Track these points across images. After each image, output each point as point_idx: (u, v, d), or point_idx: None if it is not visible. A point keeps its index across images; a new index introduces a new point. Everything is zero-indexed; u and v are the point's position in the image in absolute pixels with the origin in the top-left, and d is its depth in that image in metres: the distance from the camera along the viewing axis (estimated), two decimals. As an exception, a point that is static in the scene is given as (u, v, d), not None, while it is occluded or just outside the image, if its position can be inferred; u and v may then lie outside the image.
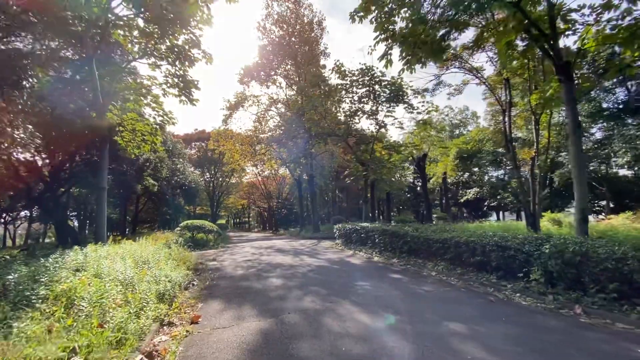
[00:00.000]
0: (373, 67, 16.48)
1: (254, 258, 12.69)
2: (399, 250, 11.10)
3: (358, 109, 17.57)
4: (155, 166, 17.51)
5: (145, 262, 7.97)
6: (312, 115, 18.54)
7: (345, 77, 17.95)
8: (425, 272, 8.77)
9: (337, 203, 53.03)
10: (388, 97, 16.46)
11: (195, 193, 31.05)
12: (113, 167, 15.81)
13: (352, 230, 15.07)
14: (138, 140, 12.22)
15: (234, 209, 71.27)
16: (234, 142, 31.91)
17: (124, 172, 16.04)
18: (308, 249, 15.79)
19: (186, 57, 11.42)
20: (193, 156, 51.66)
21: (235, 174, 52.44)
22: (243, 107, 29.52)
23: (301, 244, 19.28)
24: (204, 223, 19.10)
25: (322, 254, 13.46)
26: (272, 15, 25.74)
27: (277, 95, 29.77)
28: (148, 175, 18.11)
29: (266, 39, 27.02)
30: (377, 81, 16.78)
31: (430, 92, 15.43)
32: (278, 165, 36.51)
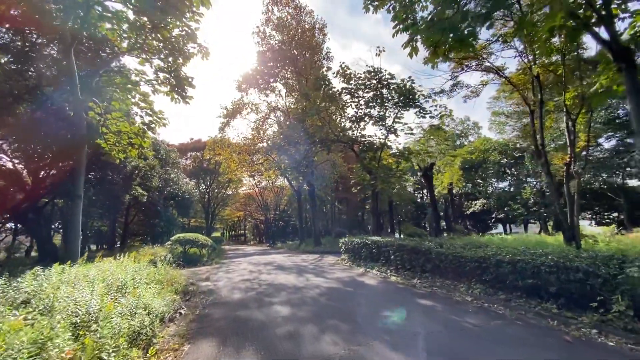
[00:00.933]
0: (381, 69, 15.45)
1: (252, 277, 11.19)
2: (420, 269, 9.72)
3: (365, 114, 16.43)
4: (144, 174, 16.08)
5: (122, 287, 6.50)
6: (314, 120, 17.37)
7: (350, 80, 16.91)
8: (459, 297, 7.38)
9: (336, 215, 51.57)
10: (397, 101, 15.36)
11: (189, 204, 29.48)
12: (98, 176, 14.33)
13: (360, 244, 13.66)
14: (124, 144, 10.86)
15: (230, 221, 69.40)
16: (230, 152, 30.64)
17: (110, 181, 14.57)
18: (312, 265, 14.31)
19: (180, 53, 10.24)
20: (188, 167, 50.22)
21: (231, 185, 50.98)
22: (241, 114, 28.39)
23: (303, 259, 17.77)
24: (197, 236, 17.57)
25: (329, 272, 12.00)
26: (272, 21, 24.95)
27: (276, 102, 28.76)
28: (137, 184, 16.63)
29: (265, 45, 26.17)
30: (386, 84, 15.72)
31: (447, 94, 14.38)
32: (276, 176, 35.14)
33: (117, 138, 10.71)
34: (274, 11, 24.53)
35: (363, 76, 16.35)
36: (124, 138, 10.76)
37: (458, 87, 14.09)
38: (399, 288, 8.70)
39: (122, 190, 15.79)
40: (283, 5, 24.03)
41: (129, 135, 10.46)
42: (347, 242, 15.02)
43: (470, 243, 9.80)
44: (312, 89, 16.92)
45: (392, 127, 15.41)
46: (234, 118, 28.93)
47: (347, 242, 15.17)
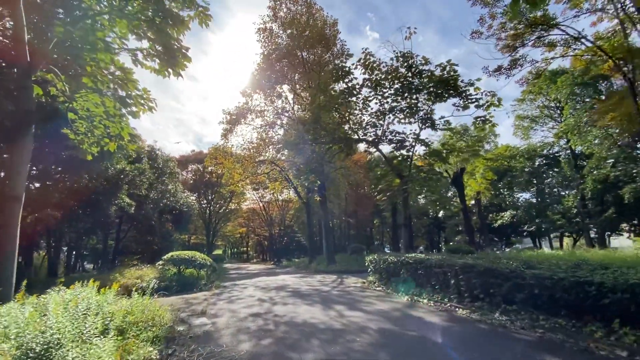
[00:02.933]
0: (412, 53, 13.11)
1: (263, 310, 8.38)
2: (500, 299, 6.91)
3: (392, 107, 13.97)
4: (132, 180, 13.56)
5: (50, 345, 3.78)
6: (331, 118, 14.92)
7: (374, 71, 14.58)
8: (603, 350, 4.58)
9: (344, 230, 48.49)
10: (432, 90, 12.92)
11: (187, 218, 26.79)
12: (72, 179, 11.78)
13: (398, 264, 10.85)
14: (98, 133, 8.35)
15: (232, 237, 66.34)
16: (233, 161, 28.23)
17: (87, 186, 12.03)
18: (336, 291, 11.44)
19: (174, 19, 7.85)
20: (189, 180, 47.81)
21: (234, 199, 48.35)
22: (245, 120, 26.11)
23: (320, 281, 14.90)
24: (194, 255, 14.79)
25: (364, 301, 9.16)
26: (279, 17, 23.02)
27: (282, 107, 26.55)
28: (124, 192, 14.04)
29: (272, 44, 24.18)
30: (418, 71, 13.33)
31: (506, 72, 11.99)
32: (282, 187, 32.55)
33: (88, 125, 8.21)
34: (282, 8, 22.62)
35: (390, 64, 14.00)
36: (97, 126, 8.24)
37: (518, 65, 11.69)
38: (482, 331, 5.88)
39: (106, 199, 13.23)
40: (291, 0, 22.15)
41: (102, 119, 7.95)
42: (377, 261, 12.19)
43: (546, 261, 7.15)
44: (329, 79, 14.56)
45: (429, 118, 12.88)
46: (238, 124, 26.66)
47: (376, 260, 12.35)
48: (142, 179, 14.44)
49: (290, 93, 27.84)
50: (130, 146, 8.91)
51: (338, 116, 14.53)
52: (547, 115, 28.94)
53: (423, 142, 13.06)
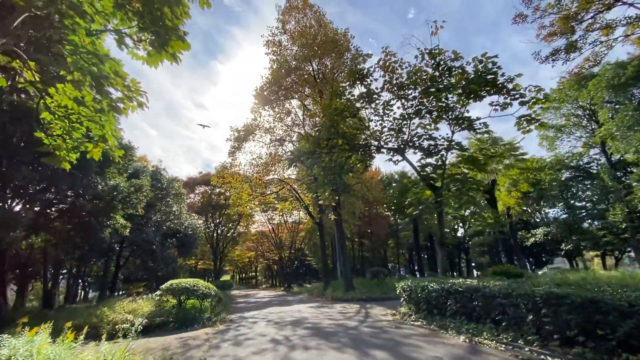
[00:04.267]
0: (440, 49, 11.67)
1: (280, 359, 6.41)
2: (616, 344, 4.88)
3: (418, 110, 12.40)
4: (126, 198, 11.99)
5: None
6: (349, 124, 13.41)
7: (394, 72, 13.18)
8: None
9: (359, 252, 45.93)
10: (466, 89, 11.34)
11: (192, 242, 25.00)
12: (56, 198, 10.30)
13: (442, 292, 8.81)
14: (77, 136, 6.88)
15: (240, 262, 63.98)
16: (241, 180, 26.83)
17: (74, 204, 10.45)
18: (366, 327, 9.34)
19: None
20: (196, 203, 46.53)
21: (242, 222, 46.65)
22: (253, 137, 24.92)
23: (342, 312, 12.76)
24: (196, 283, 12.93)
25: (408, 344, 7.10)
26: (288, 30, 22.26)
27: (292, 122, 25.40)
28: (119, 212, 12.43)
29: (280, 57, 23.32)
30: (447, 68, 11.83)
31: (563, 57, 10.36)
32: (293, 207, 30.78)
33: (64, 125, 6.75)
34: (290, 20, 21.89)
35: (413, 63, 12.59)
36: (76, 127, 6.78)
37: (575, 49, 10.08)
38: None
39: (97, 220, 11.65)
40: (300, 10, 21.41)
41: (80, 117, 6.49)
42: (413, 288, 10.12)
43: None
44: (345, 83, 13.16)
45: (465, 119, 11.16)
46: (246, 141, 25.47)
47: (411, 287, 10.28)
48: (138, 197, 12.92)
49: (300, 109, 26.82)
50: (118, 152, 7.37)
51: (357, 122, 13.01)
52: (575, 124, 27.05)
53: (459, 147, 11.31)
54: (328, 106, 12.59)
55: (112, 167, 11.56)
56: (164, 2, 6.49)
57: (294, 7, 21.40)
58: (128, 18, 6.57)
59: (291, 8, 21.49)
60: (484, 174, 16.16)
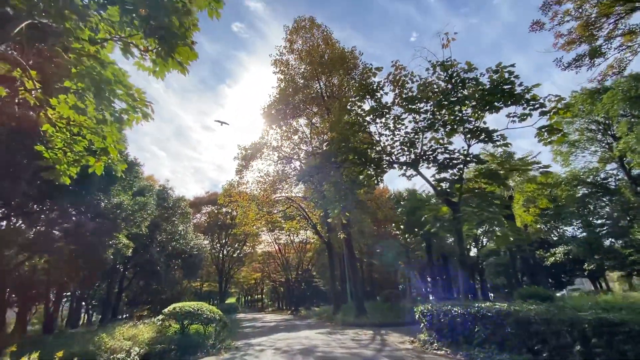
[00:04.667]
0: (453, 60, 11.40)
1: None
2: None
3: (431, 123, 11.99)
4: (131, 216, 11.57)
5: None
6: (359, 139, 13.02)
7: (404, 86, 12.92)
8: None
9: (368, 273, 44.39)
10: (481, 100, 10.94)
11: (198, 263, 24.31)
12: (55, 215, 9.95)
13: (467, 317, 8.00)
14: (78, 149, 6.57)
15: (246, 284, 62.49)
16: (249, 199, 26.47)
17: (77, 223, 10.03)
18: (386, 358, 8.48)
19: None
20: (203, 223, 46.07)
21: (248, 242, 45.83)
22: (261, 155, 24.75)
23: (355, 339, 11.83)
24: (200, 307, 12.21)
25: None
26: (295, 50, 22.51)
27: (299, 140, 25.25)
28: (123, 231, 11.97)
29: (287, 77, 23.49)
30: (460, 80, 11.51)
31: (588, 61, 9.91)
32: (300, 226, 30.09)
33: (66, 137, 6.45)
34: (298, 40, 22.18)
35: (425, 77, 12.32)
36: (77, 140, 6.48)
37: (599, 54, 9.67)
38: None
39: (100, 240, 11.20)
40: (307, 30, 21.71)
41: (81, 129, 6.19)
42: (434, 313, 9.29)
43: None
44: (355, 98, 12.90)
45: (484, 131, 10.65)
46: (253, 159, 25.30)
47: (432, 312, 9.44)
48: (142, 215, 12.53)
49: (307, 127, 26.77)
50: (121, 165, 7.00)
51: (367, 137, 12.63)
52: (590, 138, 26.35)
53: (477, 160, 10.73)
54: (337, 122, 12.27)
55: (117, 185, 11.27)
56: (173, 12, 6.26)
57: (301, 27, 21.72)
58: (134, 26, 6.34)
59: (299, 28, 21.82)
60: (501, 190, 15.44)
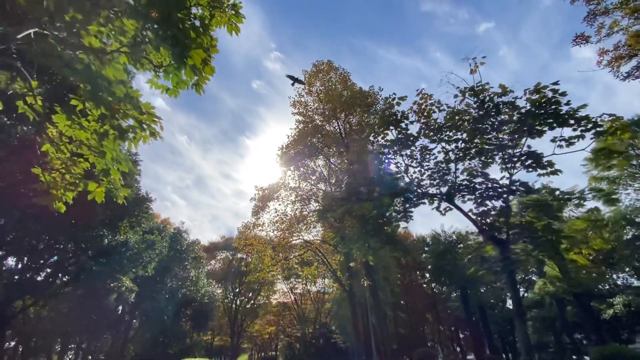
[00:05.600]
0: (484, 85, 10.68)
1: None
2: None
3: (465, 152, 10.95)
4: (137, 255, 10.50)
5: None
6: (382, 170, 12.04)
7: (430, 116, 12.21)
8: None
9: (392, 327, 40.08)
10: (521, 123, 9.93)
11: (208, 313, 22.39)
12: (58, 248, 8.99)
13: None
14: (77, 171, 5.85)
15: (260, 339, 57.97)
16: (264, 243, 25.21)
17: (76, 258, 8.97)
18: None
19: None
20: (217, 270, 44.37)
21: (263, 292, 43.20)
22: (278, 195, 24.06)
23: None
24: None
25: None
26: (313, 92, 22.86)
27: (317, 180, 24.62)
28: (128, 271, 10.83)
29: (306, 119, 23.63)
30: (494, 105, 10.66)
31: None
32: (318, 272, 28.03)
33: (65, 158, 5.78)
34: (316, 82, 22.62)
35: (454, 104, 11.60)
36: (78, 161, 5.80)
37: None
38: None
39: (102, 281, 10.06)
40: (325, 73, 22.18)
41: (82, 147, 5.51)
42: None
43: None
44: (379, 128, 12.18)
45: (531, 156, 9.40)
46: (271, 200, 24.55)
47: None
48: (150, 255, 11.45)
49: (325, 168, 26.29)
50: (123, 191, 6.17)
51: (394, 168, 11.63)
52: (632, 175, 24.24)
53: (525, 188, 9.29)
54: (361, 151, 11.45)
55: (125, 221, 10.49)
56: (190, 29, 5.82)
57: (320, 70, 22.26)
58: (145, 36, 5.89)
59: (317, 72, 22.36)
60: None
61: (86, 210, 8.00)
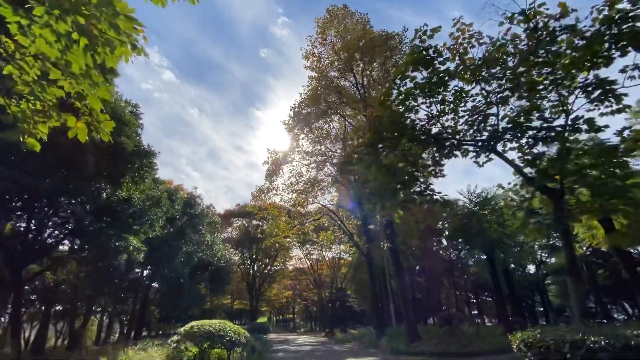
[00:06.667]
0: (538, 7, 8.75)
1: None
2: None
3: (512, 90, 9.29)
4: (140, 212, 9.78)
5: None
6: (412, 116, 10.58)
7: (467, 53, 10.42)
8: None
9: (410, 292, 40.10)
10: (585, 50, 8.11)
11: (225, 277, 22.36)
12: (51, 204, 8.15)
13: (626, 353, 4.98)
14: (47, 97, 4.69)
15: (277, 302, 59.90)
16: (279, 208, 24.60)
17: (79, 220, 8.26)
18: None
19: None
20: (233, 237, 44.81)
21: (279, 258, 43.63)
22: (292, 157, 22.97)
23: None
24: (223, 326, 9.94)
25: None
26: (327, 43, 20.76)
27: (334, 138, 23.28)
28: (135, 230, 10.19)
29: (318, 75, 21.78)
30: (548, 33, 8.80)
31: None
32: (335, 236, 27.52)
33: (32, 81, 4.62)
34: (330, 30, 20.41)
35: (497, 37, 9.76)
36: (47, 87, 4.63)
37: None
38: None
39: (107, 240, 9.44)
40: (340, 20, 19.91)
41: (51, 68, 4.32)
42: (552, 345, 6.24)
43: None
44: (408, 67, 10.49)
45: (601, 85, 7.68)
46: (285, 164, 23.54)
47: (548, 342, 6.39)
48: (156, 213, 10.76)
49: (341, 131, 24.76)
50: (107, 124, 4.98)
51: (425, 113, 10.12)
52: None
53: (589, 125, 7.63)
54: (386, 94, 9.93)
55: (127, 177, 9.65)
56: None
57: (334, 16, 20.00)
58: None
59: (331, 19, 20.12)
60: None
61: (77, 160, 7.10)
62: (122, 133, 8.69)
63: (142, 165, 9.62)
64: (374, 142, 9.05)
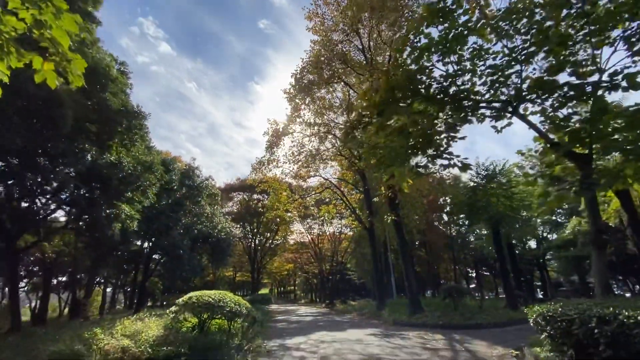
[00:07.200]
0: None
1: None
2: None
3: (540, 45, 8.31)
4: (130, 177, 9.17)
5: None
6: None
7: (487, 7, 9.31)
8: None
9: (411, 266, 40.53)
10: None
11: (226, 248, 22.18)
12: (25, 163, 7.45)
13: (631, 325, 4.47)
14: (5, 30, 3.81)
15: (279, 275, 61.01)
16: (280, 182, 24.02)
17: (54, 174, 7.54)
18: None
19: None
20: (234, 211, 44.68)
21: (280, 232, 43.72)
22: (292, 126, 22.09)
23: (425, 346, 8.61)
24: (223, 297, 9.59)
25: None
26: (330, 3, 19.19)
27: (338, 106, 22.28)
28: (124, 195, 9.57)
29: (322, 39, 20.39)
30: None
31: None
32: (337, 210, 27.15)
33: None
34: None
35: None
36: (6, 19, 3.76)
37: None
38: None
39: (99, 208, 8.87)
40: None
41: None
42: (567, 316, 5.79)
43: None
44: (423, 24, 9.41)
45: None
46: (285, 135, 22.68)
47: (561, 315, 5.94)
48: (148, 178, 10.15)
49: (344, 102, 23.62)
50: (77, 63, 4.22)
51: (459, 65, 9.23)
52: None
53: (631, 83, 6.84)
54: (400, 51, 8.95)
55: (115, 138, 8.94)
56: None
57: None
58: None
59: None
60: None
61: (53, 113, 6.33)
62: (107, 89, 7.82)
63: (130, 127, 8.84)
64: (386, 101, 8.23)
